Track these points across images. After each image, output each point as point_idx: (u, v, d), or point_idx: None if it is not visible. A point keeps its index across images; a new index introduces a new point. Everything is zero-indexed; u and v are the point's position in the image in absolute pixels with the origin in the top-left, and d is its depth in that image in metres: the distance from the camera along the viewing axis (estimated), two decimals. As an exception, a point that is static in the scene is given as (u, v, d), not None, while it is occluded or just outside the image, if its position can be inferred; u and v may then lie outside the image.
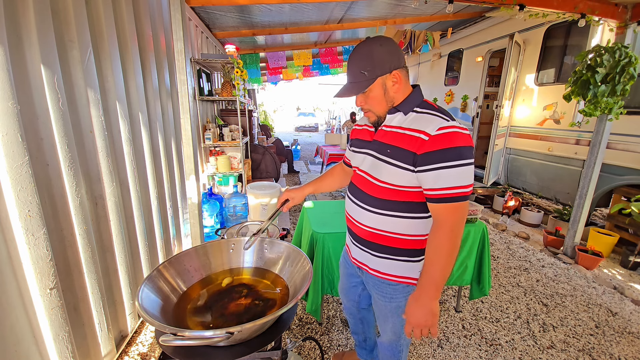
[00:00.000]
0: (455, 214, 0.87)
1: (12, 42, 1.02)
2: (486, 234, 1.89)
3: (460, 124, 0.88)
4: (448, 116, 0.89)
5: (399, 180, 0.93)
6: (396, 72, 0.92)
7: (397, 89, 0.94)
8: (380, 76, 0.92)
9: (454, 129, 0.84)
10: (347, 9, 3.77)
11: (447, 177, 0.84)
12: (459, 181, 0.84)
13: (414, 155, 0.88)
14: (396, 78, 0.92)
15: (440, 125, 0.85)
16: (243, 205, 3.08)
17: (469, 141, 0.85)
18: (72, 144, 1.27)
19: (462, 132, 0.85)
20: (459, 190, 0.84)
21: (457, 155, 0.83)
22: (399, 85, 0.93)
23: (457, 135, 0.84)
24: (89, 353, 1.39)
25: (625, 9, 2.59)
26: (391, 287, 1.08)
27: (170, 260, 1.06)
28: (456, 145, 0.83)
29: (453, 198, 0.85)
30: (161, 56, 2.24)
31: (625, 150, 3.03)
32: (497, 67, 5.45)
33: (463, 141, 0.84)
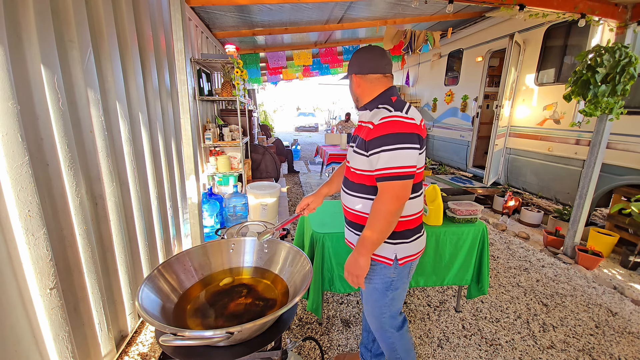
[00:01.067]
0: (390, 190, 0.99)
1: (12, 42, 1.02)
2: (486, 233, 1.89)
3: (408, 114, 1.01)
4: (396, 107, 1.02)
5: (361, 165, 1.09)
6: (355, 77, 1.13)
7: (358, 89, 1.14)
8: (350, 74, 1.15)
9: (394, 118, 0.99)
10: (347, 9, 3.77)
11: (385, 159, 0.98)
12: (393, 162, 0.97)
13: (365, 142, 1.05)
14: (356, 82, 1.13)
15: (382, 115, 1.00)
16: (243, 205, 3.08)
17: (407, 128, 0.98)
18: (72, 144, 1.27)
19: (402, 120, 0.98)
20: (395, 170, 0.98)
21: (393, 140, 0.97)
22: (359, 87, 1.13)
23: (395, 123, 0.98)
24: (89, 353, 1.39)
25: (625, 9, 2.59)
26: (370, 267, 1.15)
27: (170, 260, 1.06)
28: (393, 132, 0.97)
29: (389, 177, 0.98)
30: (161, 56, 2.24)
31: (625, 150, 3.03)
32: (497, 67, 5.44)
33: (400, 128, 0.97)
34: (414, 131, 0.99)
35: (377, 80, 1.11)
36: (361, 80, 1.12)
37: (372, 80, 1.11)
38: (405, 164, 0.98)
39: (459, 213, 1.88)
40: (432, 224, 1.86)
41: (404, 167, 0.98)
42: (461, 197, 2.06)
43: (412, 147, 0.98)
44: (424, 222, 1.88)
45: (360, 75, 1.12)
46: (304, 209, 1.35)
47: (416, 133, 1.00)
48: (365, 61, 1.11)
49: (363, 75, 1.12)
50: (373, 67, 1.11)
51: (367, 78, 1.11)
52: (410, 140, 0.98)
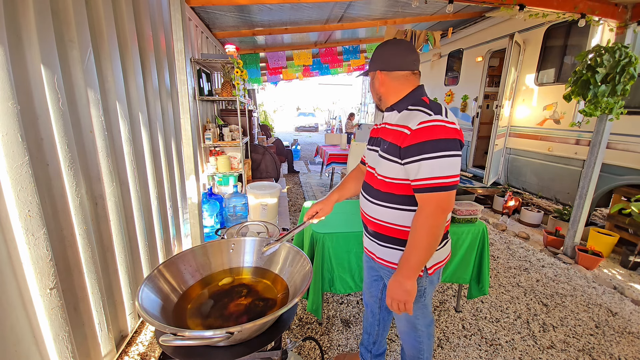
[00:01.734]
0: (434, 203, 0.91)
1: (12, 42, 1.02)
2: (486, 233, 1.89)
3: (447, 117, 0.91)
4: (435, 110, 0.92)
5: (392, 172, 1.00)
6: (379, 74, 1.02)
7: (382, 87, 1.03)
8: (372, 70, 1.04)
9: (435, 122, 0.89)
10: (347, 7, 3.77)
11: (427, 168, 0.89)
12: (438, 172, 0.88)
13: (399, 148, 0.95)
14: (380, 79, 1.03)
15: (421, 119, 0.91)
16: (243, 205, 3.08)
17: (450, 134, 0.89)
18: (72, 144, 1.27)
19: (444, 125, 0.89)
20: (439, 181, 0.89)
21: (436, 147, 0.87)
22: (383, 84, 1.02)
23: (437, 128, 0.88)
24: (89, 353, 1.39)
25: (625, 9, 2.59)
26: None
27: (171, 260, 1.06)
28: (435, 138, 0.87)
29: (433, 188, 0.90)
30: (161, 56, 2.24)
31: (625, 150, 3.03)
32: (497, 67, 5.44)
33: (443, 134, 0.88)
34: (457, 137, 0.90)
35: (404, 77, 1.01)
36: (386, 77, 1.01)
37: (399, 77, 1.01)
38: (450, 173, 0.89)
39: (459, 213, 1.88)
40: (432, 224, 1.86)
41: (449, 177, 0.89)
42: (461, 197, 2.06)
43: (456, 155, 0.89)
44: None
45: (386, 72, 1.00)
46: (313, 216, 1.26)
47: (459, 139, 0.91)
48: (391, 56, 1.00)
49: (389, 72, 1.00)
50: (400, 63, 0.99)
51: (393, 75, 1.00)
52: (453, 147, 0.89)
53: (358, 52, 6.12)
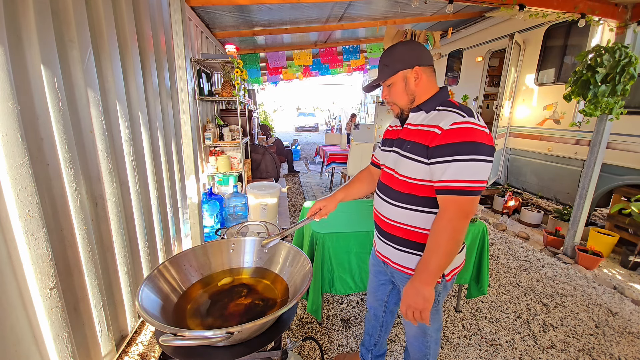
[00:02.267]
0: (458, 206, 0.87)
1: (12, 42, 1.02)
2: (486, 233, 1.89)
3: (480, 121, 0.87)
4: (467, 113, 0.89)
5: (415, 173, 0.96)
6: (417, 69, 0.95)
7: (418, 84, 0.97)
8: (401, 70, 0.97)
9: (469, 124, 0.85)
10: (347, 7, 3.77)
11: (455, 170, 0.85)
12: (466, 175, 0.84)
13: (427, 148, 0.91)
14: (417, 74, 0.96)
15: (454, 120, 0.87)
16: (243, 205, 3.08)
17: (485, 138, 0.85)
18: (72, 144, 1.27)
19: (479, 128, 0.85)
20: (465, 184, 0.85)
21: (468, 150, 0.83)
22: (419, 80, 0.97)
23: (471, 131, 0.84)
24: (89, 353, 1.39)
25: (625, 9, 2.59)
26: None
27: (170, 260, 1.06)
28: (469, 140, 0.84)
29: (458, 191, 0.86)
30: (161, 56, 2.24)
31: (625, 150, 3.03)
32: (497, 67, 5.45)
33: (477, 137, 0.84)
34: (490, 143, 0.86)
35: (433, 73, 0.98)
36: (422, 73, 0.95)
37: (431, 73, 0.98)
38: (478, 178, 0.85)
39: (459, 213, 1.87)
40: (432, 224, 1.86)
41: (477, 182, 0.85)
42: (461, 197, 2.06)
43: (488, 160, 0.85)
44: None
45: (423, 66, 0.95)
46: (316, 212, 1.23)
47: (492, 145, 0.87)
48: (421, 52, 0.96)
49: (425, 67, 0.96)
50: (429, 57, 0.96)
51: (428, 71, 0.97)
52: (487, 152, 0.85)
53: (358, 52, 6.12)
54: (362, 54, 6.28)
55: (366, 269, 1.80)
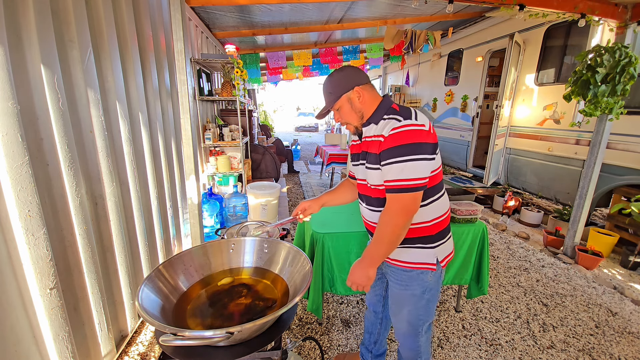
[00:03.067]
0: (399, 203, 0.98)
1: (12, 42, 1.02)
2: (486, 233, 1.89)
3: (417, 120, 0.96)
4: (404, 116, 0.98)
5: (378, 180, 1.06)
6: (357, 88, 1.06)
7: (362, 102, 1.07)
8: (343, 93, 1.07)
9: (405, 127, 0.94)
10: (347, 9, 3.77)
11: (396, 170, 0.95)
12: (405, 174, 0.94)
13: (377, 156, 1.02)
14: (359, 93, 1.06)
15: (393, 126, 0.96)
16: (243, 205, 3.08)
17: (420, 137, 0.94)
18: (72, 144, 1.27)
19: (414, 128, 0.94)
20: (405, 183, 0.95)
21: (405, 152, 0.94)
22: (362, 98, 1.07)
23: (407, 133, 0.94)
24: (89, 353, 1.39)
25: (625, 9, 2.59)
26: (406, 273, 1.15)
27: (170, 260, 1.06)
28: (405, 143, 0.94)
29: (399, 189, 0.96)
30: (161, 56, 2.24)
31: (625, 150, 3.03)
32: (497, 67, 5.44)
33: (413, 138, 0.93)
34: (427, 140, 0.95)
35: (372, 89, 1.10)
36: (362, 90, 1.06)
37: (370, 89, 1.09)
38: (417, 176, 0.94)
39: (459, 213, 1.88)
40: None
41: (415, 179, 0.94)
42: (461, 197, 2.06)
43: (425, 158, 0.95)
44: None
45: (361, 85, 1.06)
46: (300, 213, 1.33)
47: (429, 142, 0.96)
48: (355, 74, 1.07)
49: (363, 86, 1.07)
50: (364, 76, 1.09)
51: (367, 88, 1.07)
52: (423, 150, 0.94)
53: (358, 52, 6.12)
54: (362, 54, 6.28)
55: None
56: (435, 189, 1.08)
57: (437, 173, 1.07)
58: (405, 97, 7.87)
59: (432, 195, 1.08)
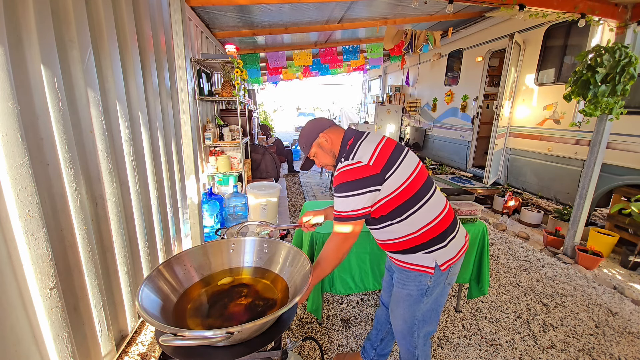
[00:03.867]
0: (339, 230, 1.11)
1: (12, 42, 1.02)
2: (486, 233, 1.89)
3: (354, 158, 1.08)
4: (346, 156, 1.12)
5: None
6: (322, 134, 1.20)
7: (330, 143, 1.20)
8: (313, 141, 1.22)
9: (343, 168, 1.08)
10: (347, 9, 3.77)
11: (336, 203, 1.11)
12: (340, 207, 1.09)
13: None
14: (325, 137, 1.20)
15: (338, 167, 1.12)
16: (243, 205, 3.08)
17: (354, 175, 1.06)
18: (72, 144, 1.27)
19: (349, 168, 1.07)
20: (344, 213, 1.08)
21: (343, 189, 1.07)
22: (329, 140, 1.20)
23: (343, 174, 1.07)
24: (89, 353, 1.39)
25: (625, 9, 2.59)
26: (405, 273, 1.20)
27: (170, 260, 1.06)
28: (340, 182, 1.08)
29: (337, 218, 1.10)
30: (161, 56, 2.24)
31: (625, 150, 3.03)
32: (497, 67, 5.45)
33: (347, 177, 1.06)
34: (363, 175, 1.05)
35: (336, 129, 1.22)
36: (327, 134, 1.20)
37: (334, 130, 1.21)
38: (350, 209, 1.06)
39: (459, 213, 1.88)
40: (432, 224, 1.86)
41: (353, 211, 1.07)
42: (461, 197, 2.06)
43: (361, 193, 1.05)
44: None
45: (324, 131, 1.20)
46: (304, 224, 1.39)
47: (367, 176, 1.05)
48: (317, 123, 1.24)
49: (326, 131, 1.20)
50: (326, 122, 1.24)
51: (330, 130, 1.21)
52: (358, 186, 1.05)
53: (358, 52, 6.12)
54: (362, 54, 6.29)
55: (366, 269, 1.81)
56: (408, 204, 1.10)
57: (403, 190, 1.09)
58: (405, 97, 7.88)
59: (406, 210, 1.11)
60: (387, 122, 7.93)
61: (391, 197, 1.08)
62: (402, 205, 1.10)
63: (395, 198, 1.08)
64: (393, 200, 1.09)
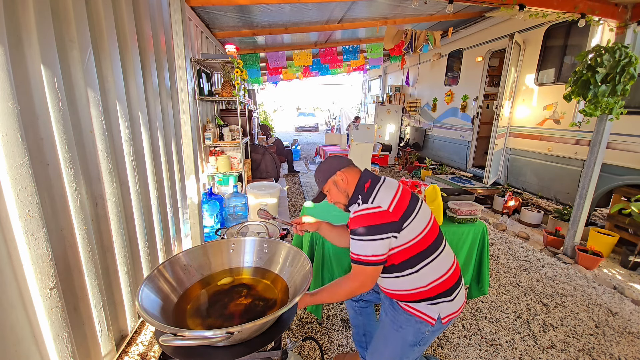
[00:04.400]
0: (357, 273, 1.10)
1: (12, 42, 1.02)
2: (486, 233, 1.89)
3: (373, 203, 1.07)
4: (364, 199, 1.11)
5: None
6: (339, 172, 1.20)
7: (345, 183, 1.20)
8: (329, 178, 1.22)
9: (362, 212, 1.07)
10: (347, 9, 3.77)
11: (353, 246, 1.09)
12: (357, 250, 1.07)
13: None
14: (341, 176, 1.20)
15: (354, 210, 1.11)
16: (243, 205, 3.08)
17: (373, 220, 1.05)
18: (72, 144, 1.27)
19: (368, 212, 1.06)
20: (357, 256, 1.08)
21: (361, 232, 1.06)
22: (345, 179, 1.20)
23: (362, 217, 1.06)
24: (89, 353, 1.39)
25: (625, 9, 2.59)
26: (404, 316, 1.16)
27: (170, 260, 1.06)
28: (360, 226, 1.06)
29: (355, 261, 1.09)
30: (161, 56, 2.24)
31: (625, 150, 3.03)
32: (497, 67, 5.45)
33: (363, 222, 1.06)
34: (381, 221, 1.04)
35: (353, 170, 1.23)
36: (344, 173, 1.20)
37: (350, 171, 1.22)
38: (365, 253, 1.05)
39: (459, 213, 1.88)
40: (432, 224, 1.86)
41: (373, 256, 1.05)
42: (461, 197, 2.06)
43: (380, 239, 1.04)
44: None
45: (342, 170, 1.21)
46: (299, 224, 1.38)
47: (385, 222, 1.04)
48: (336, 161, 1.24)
49: (344, 170, 1.21)
50: (345, 161, 1.25)
51: (348, 170, 1.21)
52: (377, 231, 1.04)
53: (358, 52, 6.12)
54: (362, 54, 6.28)
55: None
56: (421, 256, 1.10)
57: (418, 241, 1.08)
58: (405, 97, 7.88)
59: (418, 262, 1.10)
60: (387, 122, 7.93)
61: (405, 247, 1.07)
62: (414, 257, 1.09)
63: (408, 249, 1.08)
64: (406, 251, 1.08)
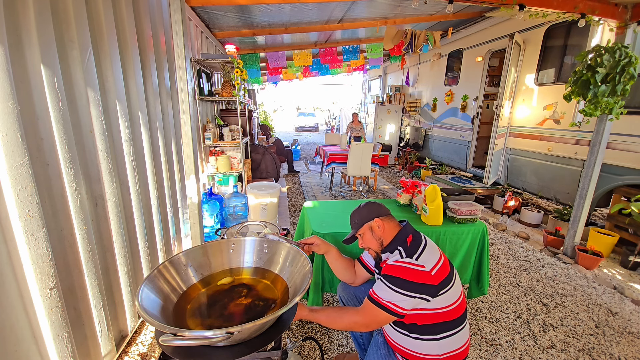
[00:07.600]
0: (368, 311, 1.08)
1: (12, 42, 1.02)
2: (486, 233, 1.89)
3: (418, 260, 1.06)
4: (408, 253, 1.10)
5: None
6: (377, 220, 1.22)
7: (382, 231, 1.21)
8: (366, 223, 1.23)
9: (404, 264, 1.07)
10: (347, 9, 3.77)
11: (378, 287, 1.09)
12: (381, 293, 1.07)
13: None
14: (378, 223, 1.22)
15: (395, 258, 1.12)
16: (243, 205, 3.08)
17: (413, 276, 1.04)
18: (72, 144, 1.27)
19: (410, 267, 1.05)
20: (376, 297, 1.07)
21: (395, 283, 1.05)
22: (382, 228, 1.21)
23: (400, 269, 1.06)
24: (89, 353, 1.39)
25: (625, 9, 2.59)
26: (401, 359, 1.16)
27: (170, 260, 1.06)
28: (396, 275, 1.06)
29: (372, 299, 1.08)
30: (161, 56, 2.24)
31: (625, 150, 3.03)
32: (497, 67, 5.45)
33: (402, 274, 1.05)
34: (421, 280, 1.03)
35: (392, 220, 1.24)
36: (382, 221, 1.21)
37: (389, 221, 1.23)
38: (395, 302, 1.04)
39: (459, 213, 1.88)
40: (432, 224, 1.86)
41: (392, 304, 1.04)
42: (461, 197, 2.06)
43: (410, 295, 1.03)
44: (425, 222, 1.89)
45: (381, 217, 1.22)
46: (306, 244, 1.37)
47: (423, 283, 1.03)
48: (377, 207, 1.25)
49: (383, 218, 1.22)
50: (385, 209, 1.25)
51: (386, 219, 1.22)
52: (411, 288, 1.03)
53: (358, 52, 6.12)
54: (362, 54, 6.29)
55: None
56: (448, 325, 1.10)
57: (449, 311, 1.09)
58: (405, 97, 7.88)
59: (446, 330, 1.10)
60: (387, 122, 7.93)
61: (435, 313, 1.07)
62: (440, 324, 1.09)
63: (438, 315, 1.08)
64: (435, 316, 1.08)
